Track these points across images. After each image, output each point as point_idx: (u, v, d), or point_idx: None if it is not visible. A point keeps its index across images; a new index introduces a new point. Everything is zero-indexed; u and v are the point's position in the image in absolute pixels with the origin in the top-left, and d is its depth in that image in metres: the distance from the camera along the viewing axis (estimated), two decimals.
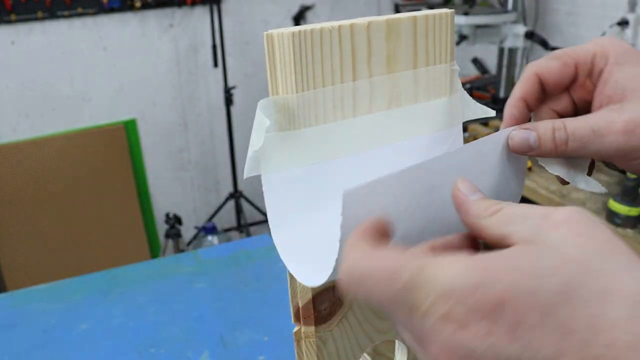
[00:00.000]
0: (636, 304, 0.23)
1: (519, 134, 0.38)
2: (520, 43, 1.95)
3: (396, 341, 0.53)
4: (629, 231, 1.33)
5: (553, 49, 1.90)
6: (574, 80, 0.40)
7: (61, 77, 2.38)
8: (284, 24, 2.65)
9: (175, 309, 1.00)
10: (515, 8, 2.00)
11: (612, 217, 1.36)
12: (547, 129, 0.37)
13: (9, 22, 2.21)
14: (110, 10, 2.35)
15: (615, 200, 1.36)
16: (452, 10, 0.43)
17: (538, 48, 2.07)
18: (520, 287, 0.23)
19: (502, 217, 0.28)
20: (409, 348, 0.52)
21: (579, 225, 0.25)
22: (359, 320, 0.48)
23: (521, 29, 1.93)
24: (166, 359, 0.88)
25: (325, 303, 0.46)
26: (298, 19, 2.68)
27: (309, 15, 2.72)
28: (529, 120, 0.41)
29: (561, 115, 0.41)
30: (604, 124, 0.36)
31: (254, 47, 2.67)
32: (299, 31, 0.37)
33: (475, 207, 0.29)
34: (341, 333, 0.48)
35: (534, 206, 0.27)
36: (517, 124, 0.39)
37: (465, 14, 1.90)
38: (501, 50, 2.04)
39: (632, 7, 1.82)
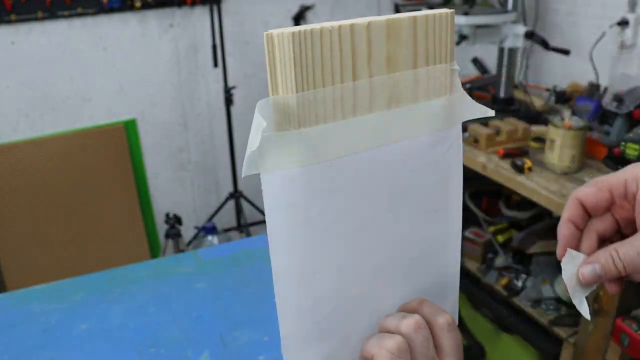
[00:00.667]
0: None
1: (588, 270, 0.44)
2: (520, 43, 1.95)
3: None
4: None
5: (553, 49, 1.90)
6: (612, 202, 0.46)
7: (61, 77, 2.38)
8: (284, 24, 2.65)
9: (175, 309, 1.00)
10: (515, 8, 2.00)
11: None
12: (607, 259, 0.43)
13: (9, 22, 2.21)
14: (110, 10, 2.35)
15: None
16: (452, 10, 0.43)
17: (538, 48, 2.07)
18: None
19: None
20: None
21: None
22: None
23: (521, 29, 1.93)
24: (166, 359, 0.88)
25: None
26: (298, 19, 2.68)
27: (309, 15, 2.72)
28: (580, 238, 0.47)
29: (603, 235, 0.47)
30: None
31: (254, 47, 2.67)
32: (299, 31, 0.37)
33: None
34: None
35: None
36: (569, 242, 0.46)
37: (465, 14, 1.90)
38: (501, 50, 2.04)
39: (632, 7, 1.82)
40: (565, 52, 1.89)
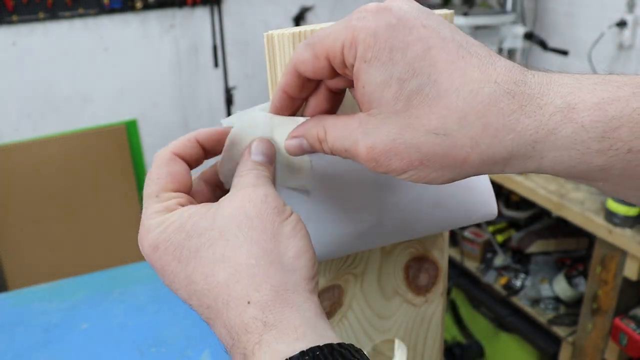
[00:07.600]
0: None
1: (293, 143, 0.37)
2: (519, 44, 1.96)
3: (396, 340, 0.54)
4: (628, 231, 1.34)
5: (552, 49, 1.91)
6: (333, 71, 0.34)
7: (62, 78, 2.38)
8: (284, 25, 2.65)
9: (176, 308, 1.00)
10: (514, 9, 2.01)
11: (610, 217, 1.36)
12: (313, 139, 0.36)
13: (10, 22, 2.21)
14: (111, 11, 2.35)
15: (613, 199, 1.36)
16: (452, 11, 0.43)
17: (537, 48, 2.07)
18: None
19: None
20: (409, 348, 0.53)
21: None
22: (359, 319, 0.49)
23: (520, 30, 1.94)
24: (167, 358, 0.89)
25: (325, 302, 0.46)
26: (298, 19, 2.68)
27: (309, 16, 2.72)
28: (297, 108, 0.39)
29: (336, 91, 0.38)
30: (351, 145, 0.33)
31: (255, 48, 2.67)
32: (299, 32, 0.38)
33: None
34: (341, 332, 0.48)
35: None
36: (280, 112, 0.38)
37: (465, 14, 1.90)
38: (500, 51, 2.04)
39: (630, 8, 1.83)
40: (564, 52, 1.90)
